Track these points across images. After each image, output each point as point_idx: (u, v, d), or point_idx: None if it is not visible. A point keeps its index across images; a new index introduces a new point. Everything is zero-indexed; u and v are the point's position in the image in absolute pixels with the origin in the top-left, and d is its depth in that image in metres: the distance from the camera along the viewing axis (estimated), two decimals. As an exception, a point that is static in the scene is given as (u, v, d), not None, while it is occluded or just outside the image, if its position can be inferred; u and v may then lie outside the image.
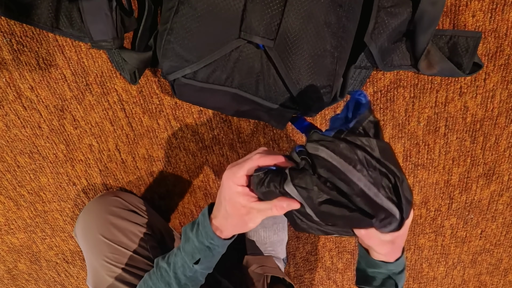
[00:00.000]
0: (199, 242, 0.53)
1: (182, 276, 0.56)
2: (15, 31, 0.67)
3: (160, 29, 0.60)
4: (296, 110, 0.63)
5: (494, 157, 0.85)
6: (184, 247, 0.56)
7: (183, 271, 0.56)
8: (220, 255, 0.58)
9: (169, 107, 0.77)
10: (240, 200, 0.49)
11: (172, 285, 0.57)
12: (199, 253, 0.54)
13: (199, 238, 0.53)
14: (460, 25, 0.68)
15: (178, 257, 0.56)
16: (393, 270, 0.55)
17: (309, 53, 0.57)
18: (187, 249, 0.55)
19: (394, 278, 0.56)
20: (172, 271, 0.57)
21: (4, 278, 1.07)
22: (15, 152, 0.82)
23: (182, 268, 0.56)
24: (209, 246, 0.53)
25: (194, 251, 0.54)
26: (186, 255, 0.55)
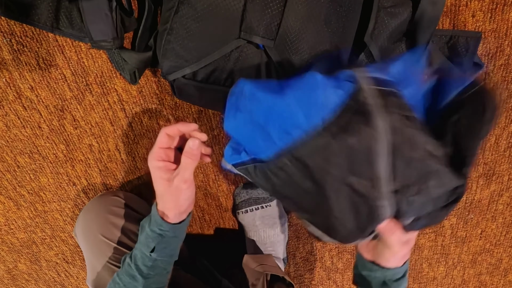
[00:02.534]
0: (151, 230, 0.55)
1: (143, 267, 0.57)
2: (15, 31, 0.67)
3: (160, 29, 0.60)
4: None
5: (494, 157, 0.85)
6: (140, 239, 0.57)
7: (143, 262, 0.57)
8: (177, 242, 0.59)
9: (169, 107, 0.77)
10: (162, 174, 0.52)
11: (136, 277, 0.58)
12: (152, 241, 0.55)
13: (150, 227, 0.55)
14: (460, 25, 0.68)
15: (137, 250, 0.58)
16: (389, 276, 0.54)
17: (309, 53, 0.57)
18: (142, 240, 0.57)
19: (390, 284, 0.55)
20: (134, 263, 0.58)
21: (4, 278, 1.07)
22: (15, 152, 0.82)
23: (141, 259, 0.57)
24: (160, 233, 0.55)
25: (148, 240, 0.56)
26: (142, 246, 0.57)
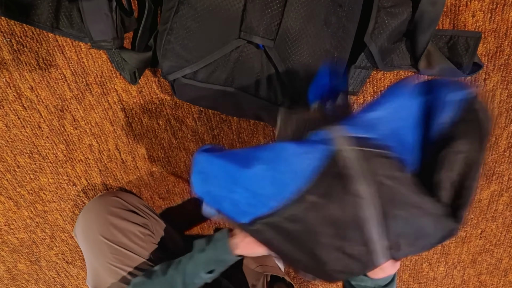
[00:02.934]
0: (214, 255, 0.60)
1: (189, 281, 0.62)
2: (15, 31, 0.67)
3: (160, 29, 0.60)
4: (296, 110, 0.63)
5: (494, 157, 0.85)
6: (197, 258, 0.61)
7: (191, 278, 0.61)
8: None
9: (169, 107, 0.77)
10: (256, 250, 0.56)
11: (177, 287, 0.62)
12: (213, 265, 0.60)
13: (216, 253, 0.59)
14: (460, 25, 0.68)
15: (189, 265, 0.62)
16: (379, 283, 0.55)
17: (309, 53, 0.57)
18: (200, 260, 0.61)
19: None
20: (181, 276, 0.62)
21: (4, 278, 1.07)
22: (15, 152, 0.82)
23: (191, 275, 0.61)
24: (223, 260, 0.59)
25: (209, 262, 0.60)
26: (199, 266, 0.61)
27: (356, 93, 0.72)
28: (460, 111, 0.37)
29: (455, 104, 0.37)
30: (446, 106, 0.38)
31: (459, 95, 0.37)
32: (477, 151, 0.37)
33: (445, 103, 0.38)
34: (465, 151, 0.37)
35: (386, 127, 0.38)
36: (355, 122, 0.37)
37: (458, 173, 0.38)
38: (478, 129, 0.37)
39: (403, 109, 0.38)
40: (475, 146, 0.37)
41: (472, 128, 0.37)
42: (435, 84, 0.39)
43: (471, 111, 0.37)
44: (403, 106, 0.38)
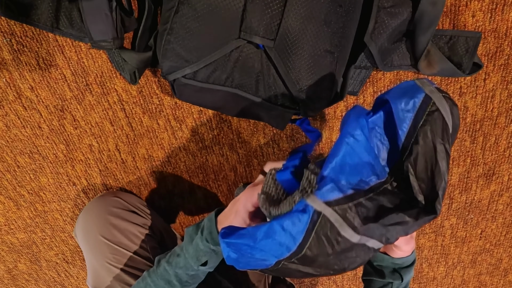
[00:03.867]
0: (204, 245, 0.54)
1: (183, 275, 0.57)
2: (15, 31, 0.67)
3: (160, 29, 0.60)
4: (296, 110, 0.63)
5: (494, 157, 0.85)
6: (187, 249, 0.56)
7: (185, 271, 0.57)
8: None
9: (169, 107, 0.77)
10: (246, 219, 0.51)
11: (172, 282, 0.58)
12: (204, 256, 0.55)
13: (204, 242, 0.54)
14: (460, 25, 0.68)
15: (180, 258, 0.57)
16: (399, 265, 0.57)
17: (309, 53, 0.57)
18: (191, 252, 0.56)
19: (400, 272, 0.58)
20: (173, 270, 0.58)
21: (4, 278, 1.07)
22: (15, 152, 0.82)
23: (184, 268, 0.57)
24: (215, 250, 0.54)
25: (200, 254, 0.55)
26: (190, 257, 0.56)
27: (356, 93, 0.72)
28: (419, 115, 0.39)
29: (413, 109, 0.39)
30: (406, 113, 0.40)
31: (416, 99, 0.39)
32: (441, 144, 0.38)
33: (403, 111, 0.40)
34: (426, 150, 0.39)
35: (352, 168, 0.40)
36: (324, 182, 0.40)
37: (424, 174, 0.40)
38: (440, 125, 0.39)
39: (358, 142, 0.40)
40: (437, 141, 0.39)
41: (433, 126, 0.39)
42: (390, 94, 0.40)
43: (430, 113, 0.39)
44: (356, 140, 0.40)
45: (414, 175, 0.40)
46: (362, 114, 0.41)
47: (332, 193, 0.39)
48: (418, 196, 0.40)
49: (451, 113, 0.39)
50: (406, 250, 0.56)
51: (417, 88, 0.40)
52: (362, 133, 0.39)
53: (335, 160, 0.39)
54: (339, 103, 0.76)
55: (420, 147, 0.39)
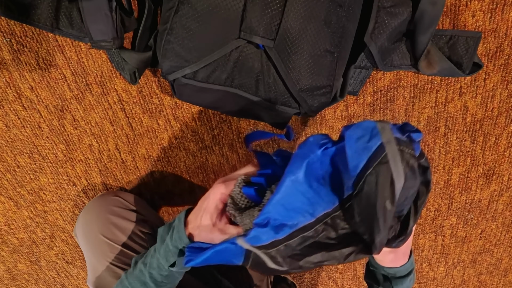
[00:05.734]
0: (173, 246, 0.53)
1: (157, 276, 0.56)
2: (15, 31, 0.67)
3: (160, 29, 0.60)
4: (296, 110, 0.63)
5: (494, 157, 0.85)
6: (159, 250, 0.55)
7: (158, 271, 0.56)
8: None
9: (169, 107, 0.77)
10: (214, 216, 0.50)
11: (148, 283, 0.57)
12: (173, 257, 0.54)
13: (173, 242, 0.53)
14: (460, 25, 0.68)
15: (153, 258, 0.56)
16: (391, 274, 0.55)
17: (309, 53, 0.57)
18: (162, 252, 0.55)
19: (392, 281, 0.56)
20: (148, 272, 0.57)
21: (4, 278, 1.07)
22: (15, 152, 0.82)
23: (157, 268, 0.56)
24: (183, 250, 0.53)
25: (168, 254, 0.54)
26: (161, 257, 0.55)
27: (356, 93, 0.72)
28: (371, 161, 0.37)
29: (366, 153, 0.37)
30: (359, 155, 0.37)
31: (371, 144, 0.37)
32: (382, 200, 0.37)
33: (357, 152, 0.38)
34: (368, 201, 0.38)
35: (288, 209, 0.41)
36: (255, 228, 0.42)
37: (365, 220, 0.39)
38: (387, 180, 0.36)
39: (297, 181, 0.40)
40: (378, 196, 0.37)
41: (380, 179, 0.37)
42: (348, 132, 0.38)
43: (380, 164, 0.36)
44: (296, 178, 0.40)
45: (356, 217, 0.40)
46: (315, 146, 0.40)
47: (259, 239, 0.41)
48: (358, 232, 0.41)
49: (404, 173, 0.36)
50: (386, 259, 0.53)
51: (376, 134, 0.37)
52: (304, 174, 0.39)
53: (272, 201, 0.40)
54: (339, 103, 0.76)
55: (364, 195, 0.38)
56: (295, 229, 0.42)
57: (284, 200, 0.40)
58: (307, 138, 0.41)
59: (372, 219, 0.38)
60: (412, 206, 0.41)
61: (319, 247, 0.42)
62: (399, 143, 0.37)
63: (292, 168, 0.39)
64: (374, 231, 0.38)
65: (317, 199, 0.41)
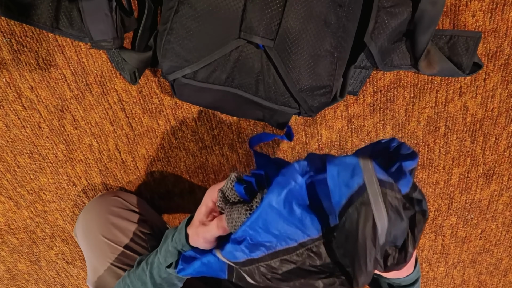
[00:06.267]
0: (172, 247, 0.54)
1: (157, 277, 0.57)
2: (15, 31, 0.67)
3: (160, 29, 0.60)
4: (296, 110, 0.63)
5: (494, 157, 0.85)
6: (160, 249, 0.56)
7: (158, 272, 0.56)
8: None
9: (169, 107, 0.77)
10: (203, 216, 0.50)
11: (147, 284, 0.57)
12: (171, 257, 0.54)
13: (172, 243, 0.54)
14: (460, 25, 0.68)
15: (155, 258, 0.57)
16: (398, 283, 0.55)
17: (309, 53, 0.57)
18: (162, 252, 0.55)
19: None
20: (148, 271, 0.57)
21: (4, 278, 1.07)
22: (15, 152, 0.82)
23: (157, 269, 0.56)
24: (181, 252, 0.54)
25: (167, 254, 0.54)
26: (161, 257, 0.55)
27: (356, 93, 0.72)
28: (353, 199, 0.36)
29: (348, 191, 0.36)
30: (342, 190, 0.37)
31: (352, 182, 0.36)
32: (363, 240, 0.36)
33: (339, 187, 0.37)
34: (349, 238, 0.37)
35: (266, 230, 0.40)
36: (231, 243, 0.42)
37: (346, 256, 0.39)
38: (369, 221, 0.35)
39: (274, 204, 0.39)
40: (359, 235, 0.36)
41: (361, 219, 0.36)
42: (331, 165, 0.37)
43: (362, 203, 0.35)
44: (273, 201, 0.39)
45: (338, 249, 0.39)
46: (297, 174, 0.39)
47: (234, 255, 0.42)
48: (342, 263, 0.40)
49: (388, 215, 0.35)
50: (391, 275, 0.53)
51: (358, 172, 0.36)
52: (283, 200, 0.38)
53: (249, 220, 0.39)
54: (339, 103, 0.76)
55: (345, 230, 0.37)
56: (273, 251, 0.41)
57: (259, 223, 0.39)
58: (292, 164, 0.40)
59: (353, 255, 0.37)
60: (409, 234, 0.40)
61: (300, 273, 0.41)
62: (382, 184, 0.36)
63: (271, 194, 0.38)
64: (355, 267, 0.37)
65: (300, 226, 0.39)
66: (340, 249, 0.39)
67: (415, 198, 0.40)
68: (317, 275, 0.41)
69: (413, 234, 0.40)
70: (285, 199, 0.38)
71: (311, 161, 0.40)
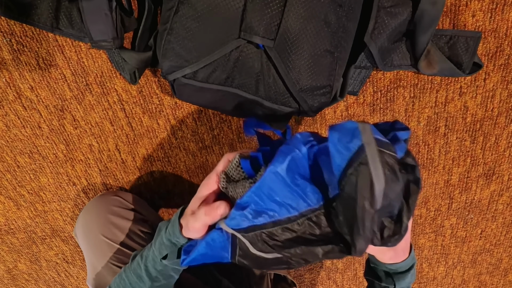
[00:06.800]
0: (166, 238, 0.53)
1: (152, 270, 0.56)
2: (15, 31, 0.67)
3: (160, 29, 0.60)
4: (296, 110, 0.63)
5: (494, 157, 0.85)
6: (155, 242, 0.56)
7: (153, 265, 0.56)
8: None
9: (169, 107, 0.77)
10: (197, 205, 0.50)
11: (143, 277, 0.57)
12: (165, 249, 0.54)
13: (166, 235, 0.53)
14: (460, 25, 0.68)
15: (150, 251, 0.56)
16: (393, 269, 0.55)
17: (309, 53, 0.57)
18: (157, 245, 0.55)
19: (394, 277, 0.56)
20: (144, 264, 0.57)
21: (4, 278, 1.07)
22: (15, 152, 0.82)
23: (152, 261, 0.56)
24: (175, 243, 0.53)
25: (162, 247, 0.54)
26: (156, 250, 0.55)
27: (356, 93, 0.72)
28: (352, 161, 0.37)
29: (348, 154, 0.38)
30: (342, 155, 0.38)
31: (351, 145, 0.37)
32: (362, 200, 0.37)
33: (339, 152, 0.38)
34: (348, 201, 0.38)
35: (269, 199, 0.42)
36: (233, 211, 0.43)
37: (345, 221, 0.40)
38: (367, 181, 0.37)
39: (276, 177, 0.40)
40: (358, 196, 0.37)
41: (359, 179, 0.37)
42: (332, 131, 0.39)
43: (360, 164, 0.37)
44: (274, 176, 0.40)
45: (337, 218, 0.41)
46: (301, 143, 0.41)
47: (239, 222, 0.43)
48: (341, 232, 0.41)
49: (384, 174, 0.37)
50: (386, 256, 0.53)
51: (357, 134, 0.38)
52: (286, 168, 0.40)
53: (253, 187, 0.41)
54: (339, 103, 0.76)
55: (345, 195, 0.38)
56: (276, 219, 0.42)
57: (264, 190, 0.41)
58: (295, 134, 0.42)
59: (352, 220, 0.38)
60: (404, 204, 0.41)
61: (300, 241, 0.42)
62: (379, 144, 0.38)
63: (275, 162, 0.40)
64: (354, 232, 0.38)
65: (302, 195, 0.41)
66: (339, 218, 0.40)
67: (409, 164, 0.42)
68: (316, 243, 0.42)
69: (407, 205, 0.41)
70: (288, 166, 0.40)
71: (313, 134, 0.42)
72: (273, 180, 0.40)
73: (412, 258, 0.56)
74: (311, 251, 0.42)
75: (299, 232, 0.43)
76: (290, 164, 0.40)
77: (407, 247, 0.54)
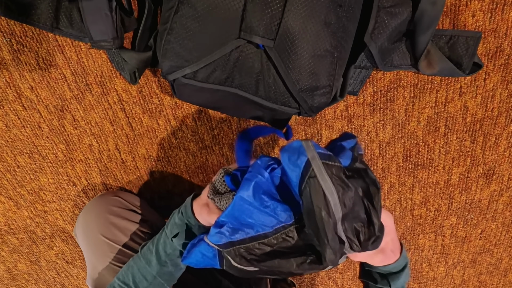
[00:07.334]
0: (179, 219, 0.57)
1: (162, 252, 0.59)
2: (15, 31, 0.67)
3: (160, 29, 0.60)
4: (296, 110, 0.63)
5: (494, 157, 0.85)
6: (167, 226, 0.59)
7: (163, 247, 0.59)
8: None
9: (169, 107, 0.77)
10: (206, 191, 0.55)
11: (152, 261, 0.59)
12: (177, 228, 0.57)
13: (179, 216, 0.58)
14: (460, 25, 0.68)
15: (161, 235, 0.60)
16: (387, 271, 0.55)
17: (309, 53, 0.57)
18: (169, 227, 0.59)
19: (389, 278, 0.56)
20: (154, 247, 0.60)
21: (4, 278, 1.07)
22: (15, 152, 0.82)
23: (163, 244, 0.59)
24: (187, 223, 0.57)
25: (173, 226, 0.58)
26: (168, 231, 0.59)
27: (356, 93, 0.72)
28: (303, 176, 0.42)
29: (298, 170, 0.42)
30: (294, 172, 0.42)
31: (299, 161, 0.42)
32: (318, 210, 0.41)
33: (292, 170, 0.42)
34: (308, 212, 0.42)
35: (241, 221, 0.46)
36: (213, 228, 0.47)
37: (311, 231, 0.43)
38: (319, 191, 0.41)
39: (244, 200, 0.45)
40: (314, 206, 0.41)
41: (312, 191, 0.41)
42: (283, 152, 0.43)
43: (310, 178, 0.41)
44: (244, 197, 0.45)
45: (308, 231, 0.44)
46: (262, 169, 0.45)
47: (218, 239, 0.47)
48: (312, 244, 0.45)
49: (333, 184, 0.40)
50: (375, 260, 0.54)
51: (302, 152, 0.42)
52: (253, 193, 0.44)
53: (227, 210, 0.45)
54: (339, 103, 0.77)
55: (305, 208, 0.42)
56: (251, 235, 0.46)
57: (235, 213, 0.45)
58: (255, 161, 0.46)
59: (316, 231, 0.41)
60: (370, 207, 0.44)
61: (276, 254, 0.46)
62: (322, 157, 0.42)
63: (241, 189, 0.44)
64: (320, 243, 0.42)
65: (273, 214, 0.45)
66: (308, 229, 0.44)
67: (360, 168, 0.45)
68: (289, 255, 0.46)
69: (374, 207, 0.44)
70: (254, 191, 0.44)
71: (273, 158, 0.47)
72: (241, 205, 0.44)
73: (404, 257, 0.56)
74: (285, 263, 0.45)
75: (275, 246, 0.46)
76: (255, 189, 0.44)
77: (396, 247, 0.54)
